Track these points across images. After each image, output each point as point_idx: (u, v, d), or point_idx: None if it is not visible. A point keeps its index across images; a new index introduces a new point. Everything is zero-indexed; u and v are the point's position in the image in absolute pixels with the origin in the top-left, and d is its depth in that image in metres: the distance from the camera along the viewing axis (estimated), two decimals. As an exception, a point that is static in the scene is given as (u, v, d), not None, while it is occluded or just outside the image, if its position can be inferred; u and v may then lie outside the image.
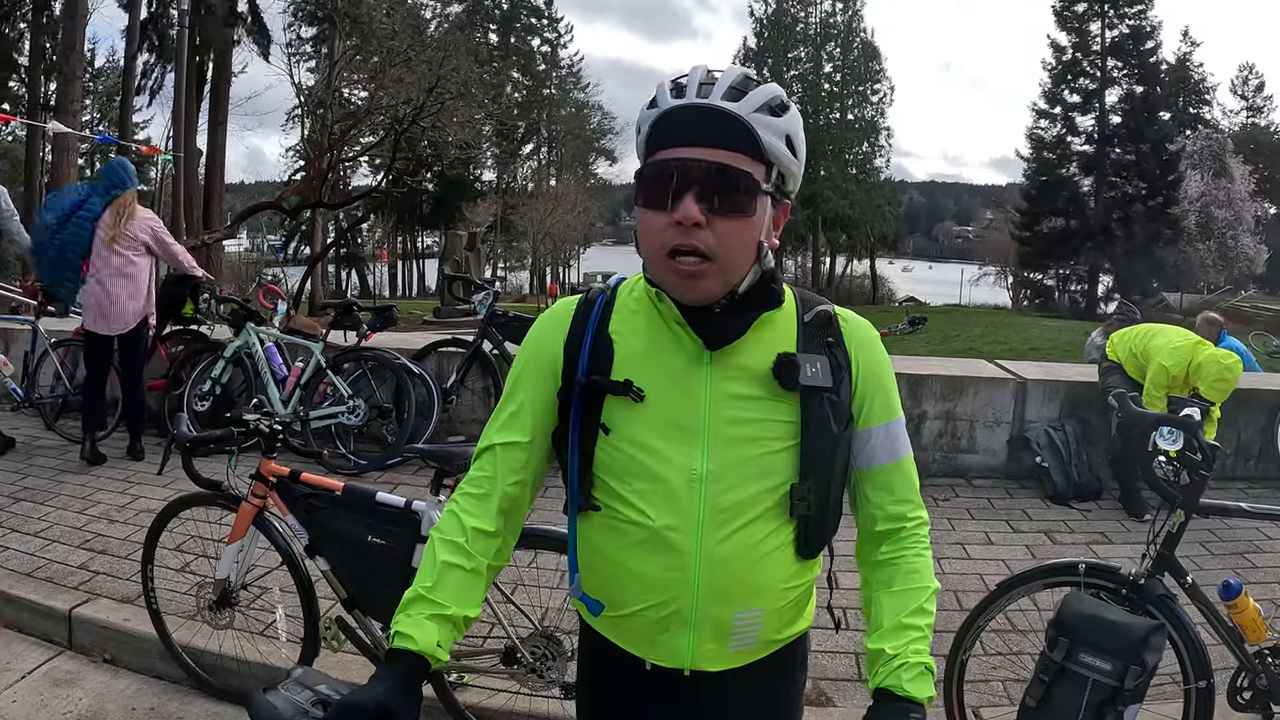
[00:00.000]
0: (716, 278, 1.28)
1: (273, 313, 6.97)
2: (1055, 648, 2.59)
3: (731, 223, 1.26)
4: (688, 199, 1.24)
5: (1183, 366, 5.37)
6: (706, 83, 1.28)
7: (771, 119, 1.28)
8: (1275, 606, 3.88)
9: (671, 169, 1.26)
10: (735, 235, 1.27)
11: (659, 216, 1.27)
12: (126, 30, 24.14)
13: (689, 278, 1.27)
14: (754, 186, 1.27)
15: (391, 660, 1.27)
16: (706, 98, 1.26)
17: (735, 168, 1.25)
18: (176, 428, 3.07)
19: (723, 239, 1.25)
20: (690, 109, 1.27)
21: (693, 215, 1.23)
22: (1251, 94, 46.70)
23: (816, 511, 1.36)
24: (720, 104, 1.26)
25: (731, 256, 1.27)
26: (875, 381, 1.43)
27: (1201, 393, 5.25)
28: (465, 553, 1.35)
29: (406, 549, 2.86)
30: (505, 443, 1.42)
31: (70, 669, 3.56)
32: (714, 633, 1.36)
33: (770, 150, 1.28)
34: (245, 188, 47.62)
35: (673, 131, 1.28)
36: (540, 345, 1.46)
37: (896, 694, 1.30)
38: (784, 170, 1.32)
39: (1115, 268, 39.42)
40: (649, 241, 1.30)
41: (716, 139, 1.25)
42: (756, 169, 1.27)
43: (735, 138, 1.26)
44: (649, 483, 1.33)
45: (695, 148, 1.26)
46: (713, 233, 1.25)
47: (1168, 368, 5.38)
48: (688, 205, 1.23)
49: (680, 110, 1.28)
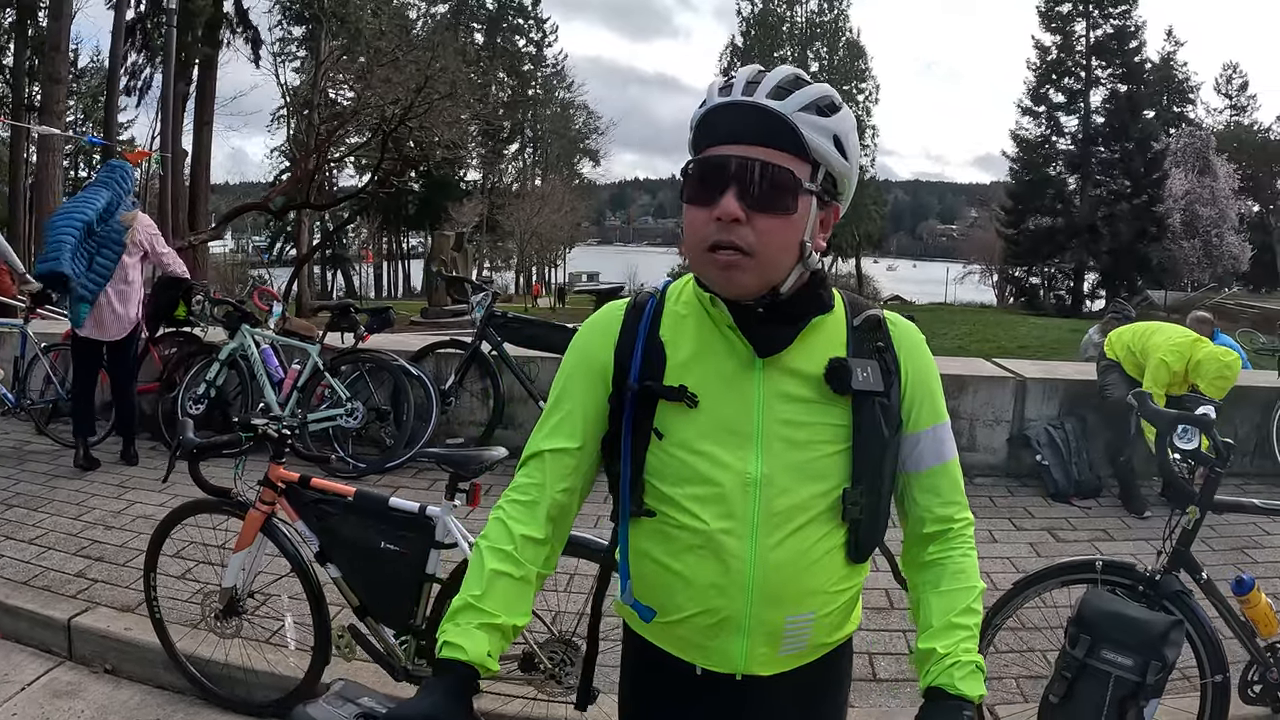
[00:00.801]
0: (754, 273, 1.27)
1: (268, 314, 6.91)
2: (1077, 644, 2.60)
3: (771, 220, 1.25)
4: (728, 195, 1.23)
5: (1182, 363, 5.40)
6: (753, 81, 1.27)
7: (818, 118, 1.26)
8: (1277, 600, 3.90)
9: (714, 165, 1.26)
10: (775, 233, 1.26)
11: (701, 212, 1.27)
12: (113, 30, 23.87)
13: (726, 269, 1.26)
14: (795, 185, 1.26)
15: (440, 671, 1.24)
16: (751, 96, 1.26)
17: (776, 165, 1.24)
18: (182, 433, 3.02)
19: (762, 236, 1.25)
20: (734, 106, 1.26)
21: (731, 211, 1.23)
22: (1235, 93, 47.24)
23: (868, 515, 1.35)
24: (764, 101, 1.25)
25: (770, 254, 1.26)
26: (923, 385, 1.43)
27: (1201, 389, 5.28)
28: (514, 560, 1.33)
29: (420, 555, 2.84)
30: (554, 449, 1.40)
31: (71, 680, 3.50)
32: (767, 637, 1.35)
33: (815, 149, 1.26)
34: (230, 188, 47.33)
35: (717, 128, 1.27)
36: (589, 351, 1.44)
37: (949, 693, 1.30)
38: (832, 171, 1.30)
39: (1100, 265, 39.71)
40: (692, 237, 1.30)
41: (758, 136, 1.25)
42: (800, 167, 1.26)
43: (777, 135, 1.25)
44: (703, 487, 1.32)
45: (737, 145, 1.25)
46: (752, 229, 1.24)
47: (1168, 363, 5.40)
48: (727, 201, 1.23)
49: (725, 107, 1.27)
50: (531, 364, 6.36)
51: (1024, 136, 42.43)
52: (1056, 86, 41.67)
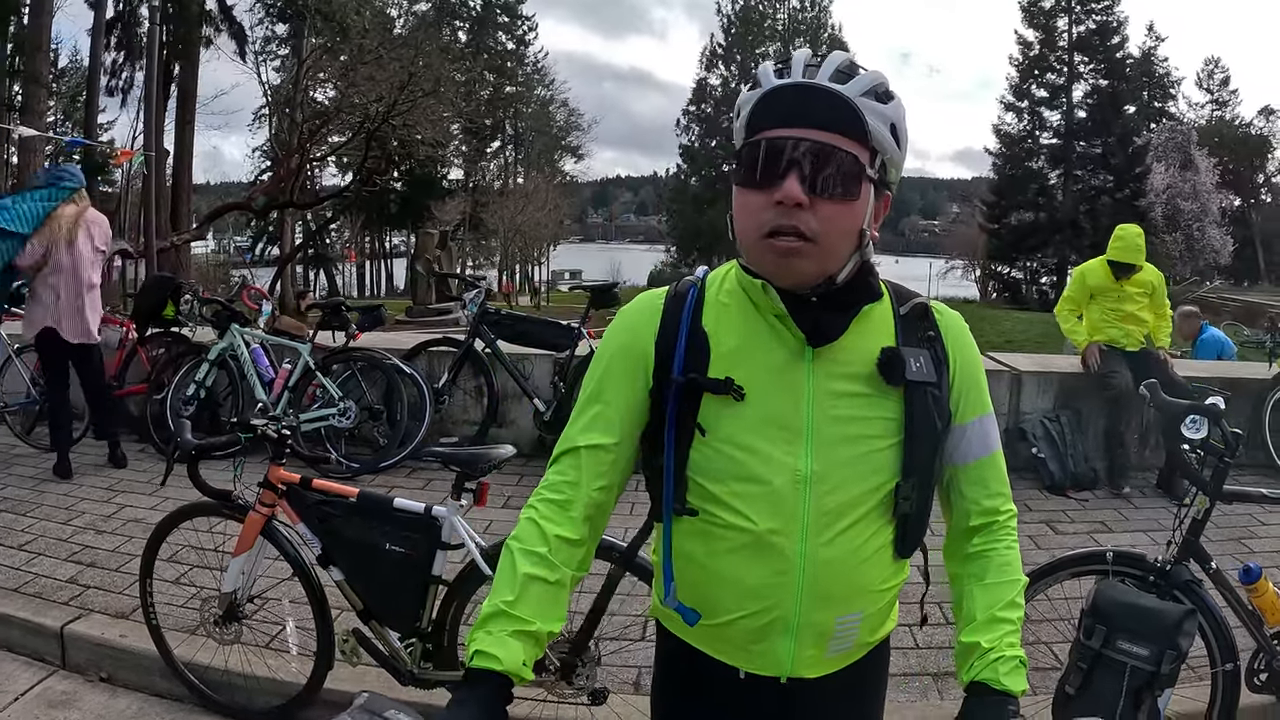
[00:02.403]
0: (814, 260, 1.23)
1: (257, 314, 6.83)
2: (1093, 635, 2.59)
3: (835, 206, 1.21)
4: (791, 178, 1.19)
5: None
6: (812, 64, 1.24)
7: (878, 105, 1.23)
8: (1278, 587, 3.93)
9: (775, 148, 1.21)
10: (838, 219, 1.21)
11: (759, 196, 1.22)
12: (92, 29, 23.62)
13: (785, 255, 1.22)
14: (859, 170, 1.22)
15: (473, 682, 1.18)
16: (813, 79, 1.22)
17: (841, 149, 1.20)
18: (179, 435, 2.96)
19: (825, 223, 1.20)
20: (796, 88, 1.22)
21: (795, 195, 1.18)
22: (1217, 88, 47.49)
23: (917, 510, 1.32)
24: (828, 84, 1.21)
25: (831, 241, 1.22)
26: (971, 376, 1.40)
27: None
28: (549, 563, 1.27)
29: (426, 557, 2.79)
30: (591, 445, 1.34)
31: (66, 689, 3.43)
32: (815, 638, 1.31)
33: (876, 136, 1.23)
34: (210, 188, 46.94)
35: (777, 110, 1.23)
36: (628, 342, 1.38)
37: (993, 687, 1.27)
38: (887, 159, 1.26)
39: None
40: (746, 222, 1.25)
41: (823, 120, 1.21)
42: (862, 153, 1.22)
43: (842, 120, 1.21)
44: (750, 485, 1.27)
45: (800, 128, 1.20)
46: (814, 215, 1.20)
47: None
48: (790, 185, 1.18)
49: (786, 90, 1.22)
50: (525, 361, 6.30)
51: (1006, 131, 42.70)
52: (1039, 82, 42.00)
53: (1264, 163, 46.66)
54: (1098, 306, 6.11)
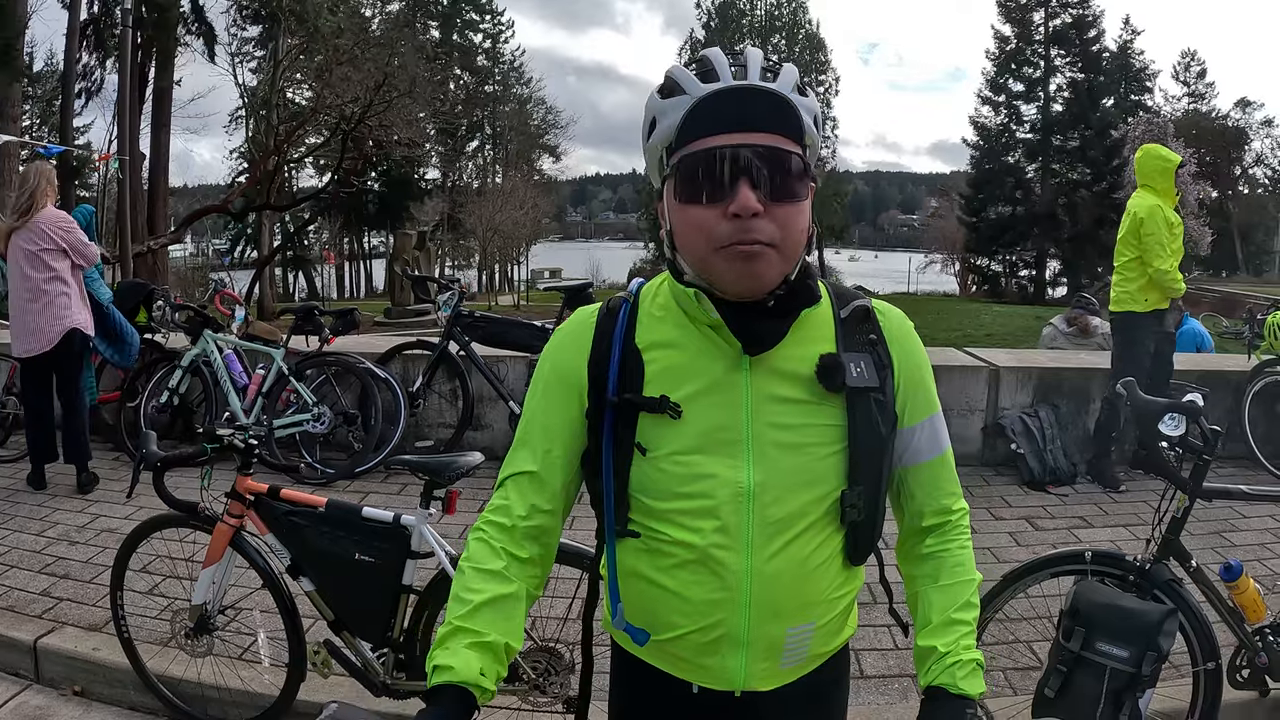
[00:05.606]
0: (778, 266, 1.19)
1: (230, 319, 6.75)
2: (1071, 637, 2.58)
3: (789, 209, 1.17)
4: (743, 188, 1.14)
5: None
6: (738, 65, 1.19)
7: (803, 99, 1.20)
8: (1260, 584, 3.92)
9: (719, 157, 1.15)
10: (792, 221, 1.18)
11: (708, 211, 1.17)
12: (67, 32, 23.32)
13: (750, 260, 1.17)
14: (804, 169, 1.19)
15: (432, 700, 1.16)
16: (744, 80, 1.17)
17: (786, 150, 1.17)
18: (145, 446, 2.90)
19: (783, 227, 1.17)
20: (731, 92, 1.17)
21: (751, 205, 1.14)
22: (1193, 80, 47.87)
23: (866, 517, 1.29)
24: (762, 84, 1.17)
25: (790, 244, 1.19)
26: (916, 378, 1.36)
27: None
28: (502, 578, 1.25)
29: (396, 566, 2.75)
30: (528, 471, 1.32)
31: (39, 704, 3.37)
32: (766, 651, 1.28)
33: (808, 131, 1.20)
34: (186, 191, 46.55)
35: (713, 117, 1.17)
36: (560, 364, 1.35)
37: (951, 691, 1.26)
38: (814, 152, 1.24)
39: (1062, 252, 40.21)
40: (696, 239, 1.19)
41: (764, 122, 1.16)
42: (800, 151, 1.19)
43: (781, 119, 1.17)
44: (692, 500, 1.24)
45: (743, 133, 1.16)
46: (771, 221, 1.16)
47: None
48: (744, 194, 1.14)
49: (721, 94, 1.17)
50: (500, 363, 6.25)
51: (984, 125, 42.92)
52: (1016, 76, 42.25)
53: (1241, 154, 47.15)
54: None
